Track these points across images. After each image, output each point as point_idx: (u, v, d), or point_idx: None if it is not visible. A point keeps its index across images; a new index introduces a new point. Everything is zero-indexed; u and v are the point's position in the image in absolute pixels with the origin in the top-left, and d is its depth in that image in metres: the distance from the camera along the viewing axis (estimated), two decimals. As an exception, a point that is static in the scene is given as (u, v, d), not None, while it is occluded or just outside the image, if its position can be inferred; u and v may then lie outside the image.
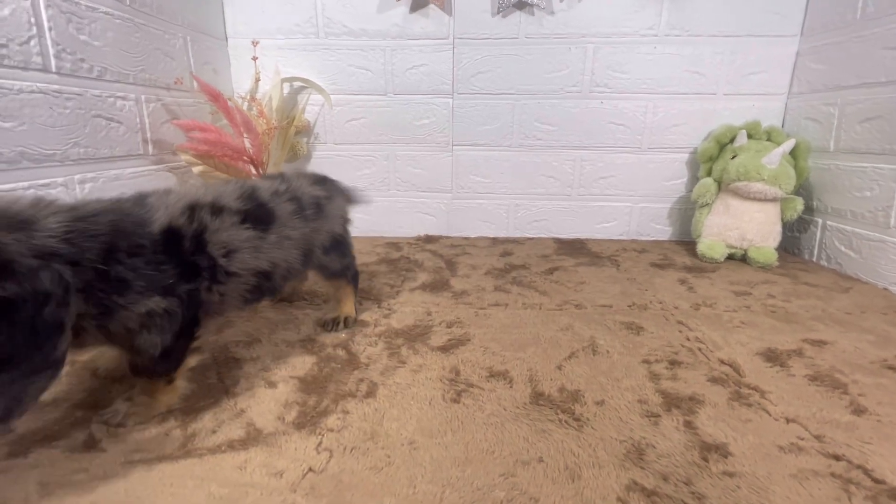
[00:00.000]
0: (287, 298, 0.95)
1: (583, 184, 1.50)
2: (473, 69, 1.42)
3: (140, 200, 0.55)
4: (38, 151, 0.82)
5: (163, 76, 1.13)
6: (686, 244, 1.46)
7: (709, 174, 1.36)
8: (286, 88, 1.44)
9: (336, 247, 0.79)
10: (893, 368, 0.70)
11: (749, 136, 1.30)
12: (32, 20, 0.80)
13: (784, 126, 1.40)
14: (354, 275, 0.86)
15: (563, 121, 1.45)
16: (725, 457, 0.50)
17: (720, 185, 1.32)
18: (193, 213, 0.56)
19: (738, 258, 1.29)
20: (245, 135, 1.22)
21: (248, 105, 1.33)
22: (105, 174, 0.97)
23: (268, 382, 0.64)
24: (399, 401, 0.60)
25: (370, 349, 0.75)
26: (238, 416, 0.57)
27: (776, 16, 1.33)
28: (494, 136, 1.47)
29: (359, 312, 0.88)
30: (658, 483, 0.47)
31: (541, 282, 1.08)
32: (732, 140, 1.31)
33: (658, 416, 0.57)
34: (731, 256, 1.29)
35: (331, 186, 0.82)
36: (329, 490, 0.45)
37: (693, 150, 1.44)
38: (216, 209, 0.58)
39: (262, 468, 0.48)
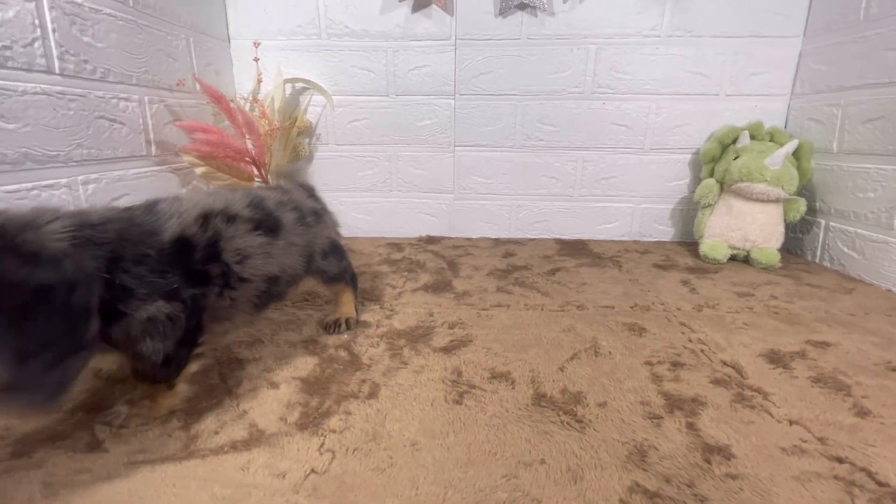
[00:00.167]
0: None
1: (585, 185, 1.50)
2: (475, 70, 1.42)
3: (150, 208, 0.56)
4: (42, 153, 0.82)
5: (165, 77, 1.13)
6: (688, 245, 1.46)
7: (711, 175, 1.35)
8: (288, 89, 1.44)
9: (333, 251, 0.81)
10: (897, 370, 0.70)
11: (752, 137, 1.30)
12: (36, 22, 0.80)
13: (787, 127, 1.40)
14: (352, 276, 0.87)
15: (565, 122, 1.44)
16: (728, 459, 0.50)
17: (722, 186, 1.31)
18: (208, 222, 0.57)
19: (741, 259, 1.29)
20: (247, 136, 1.22)
21: (251, 106, 1.33)
22: (108, 175, 0.97)
23: (270, 383, 0.65)
24: (401, 402, 0.60)
25: (372, 350, 0.75)
26: (240, 417, 0.57)
27: (779, 16, 1.32)
28: (496, 137, 1.47)
29: (360, 313, 0.88)
30: (661, 485, 0.46)
31: (543, 283, 1.08)
32: (735, 141, 1.31)
33: (660, 418, 0.57)
34: (734, 257, 1.29)
35: (319, 197, 0.86)
36: (332, 491, 0.45)
37: (695, 151, 1.44)
38: (230, 217, 0.60)
39: (265, 469, 0.48)
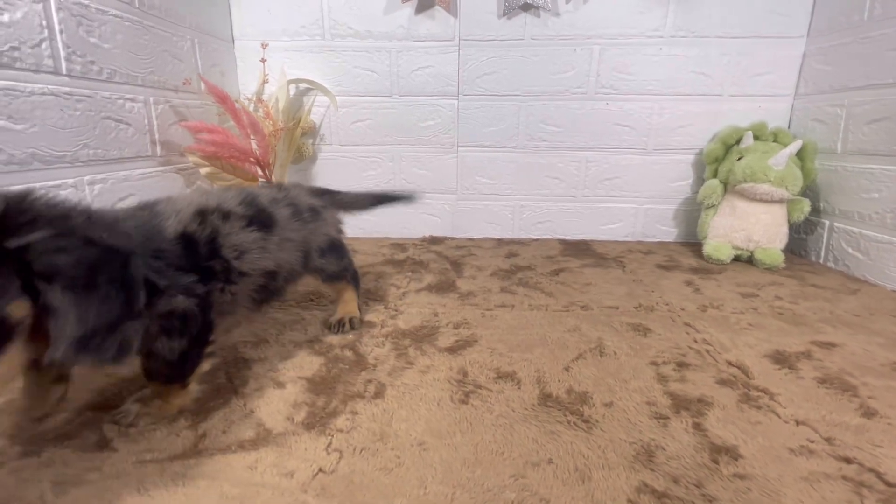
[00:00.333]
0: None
1: (588, 185, 1.50)
2: (479, 70, 1.42)
3: (150, 208, 0.56)
4: (49, 153, 0.83)
5: (171, 78, 1.14)
6: (692, 246, 1.46)
7: (715, 175, 1.35)
8: (292, 90, 1.44)
9: (332, 250, 0.80)
10: (903, 371, 0.70)
11: (755, 138, 1.30)
12: (44, 23, 0.80)
13: (790, 127, 1.40)
14: (354, 275, 0.87)
15: (569, 122, 1.45)
16: (736, 459, 0.50)
17: (726, 187, 1.31)
18: (205, 219, 0.58)
19: (745, 260, 1.29)
20: (252, 136, 1.23)
21: (255, 106, 1.34)
22: (114, 175, 0.98)
23: (276, 383, 0.65)
24: (407, 402, 0.61)
25: (377, 350, 0.75)
26: (248, 417, 0.57)
27: (782, 17, 1.32)
28: (500, 138, 1.48)
29: (365, 313, 0.88)
30: (668, 485, 0.47)
31: (547, 283, 1.08)
32: (738, 141, 1.31)
33: (667, 418, 0.57)
34: (738, 258, 1.29)
35: (330, 198, 0.85)
36: (340, 490, 0.45)
37: (699, 152, 1.44)
38: (225, 214, 0.61)
39: (273, 468, 0.48)
